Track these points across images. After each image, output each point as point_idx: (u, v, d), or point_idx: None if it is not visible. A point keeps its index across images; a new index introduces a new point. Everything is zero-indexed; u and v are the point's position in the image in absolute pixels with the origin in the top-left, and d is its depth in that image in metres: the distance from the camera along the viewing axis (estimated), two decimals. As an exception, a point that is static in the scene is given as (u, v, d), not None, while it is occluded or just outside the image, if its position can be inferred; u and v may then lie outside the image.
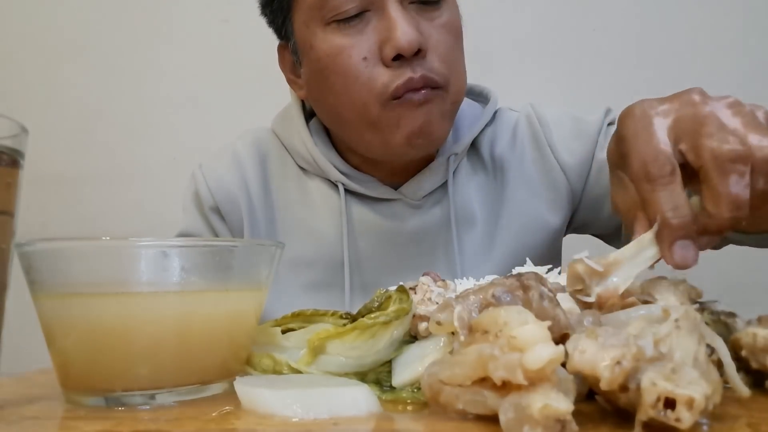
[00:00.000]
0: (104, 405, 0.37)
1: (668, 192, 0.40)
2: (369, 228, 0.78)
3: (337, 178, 0.78)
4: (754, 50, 1.34)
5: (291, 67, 0.78)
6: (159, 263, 0.37)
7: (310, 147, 0.78)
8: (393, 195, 0.78)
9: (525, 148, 0.81)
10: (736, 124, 0.40)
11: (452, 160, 0.78)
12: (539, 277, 0.36)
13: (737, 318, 0.40)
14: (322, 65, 0.69)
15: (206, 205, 0.80)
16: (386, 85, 0.66)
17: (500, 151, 0.81)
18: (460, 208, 0.79)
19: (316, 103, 0.75)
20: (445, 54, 0.68)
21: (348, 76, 0.67)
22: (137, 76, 1.54)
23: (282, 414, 0.33)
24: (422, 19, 0.67)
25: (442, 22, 0.69)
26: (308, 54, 0.71)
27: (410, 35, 0.64)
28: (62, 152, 1.53)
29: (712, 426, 0.29)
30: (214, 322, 0.39)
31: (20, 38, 1.57)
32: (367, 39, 0.67)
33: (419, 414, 0.34)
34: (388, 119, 0.68)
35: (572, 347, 0.29)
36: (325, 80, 0.70)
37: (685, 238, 0.39)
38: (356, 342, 0.39)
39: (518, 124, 0.83)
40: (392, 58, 0.65)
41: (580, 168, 0.79)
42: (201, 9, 1.51)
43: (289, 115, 0.82)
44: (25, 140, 0.40)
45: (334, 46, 0.67)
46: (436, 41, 0.68)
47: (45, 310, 0.38)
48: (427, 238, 0.79)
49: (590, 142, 0.79)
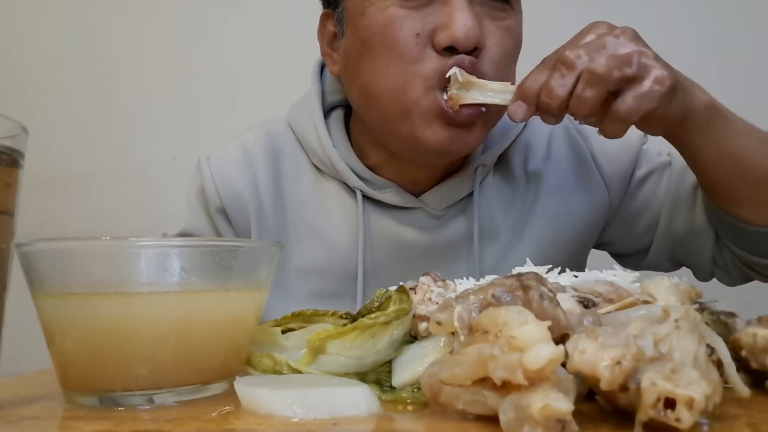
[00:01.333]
0: (104, 405, 0.37)
1: (538, 71, 0.58)
2: (387, 238, 0.74)
3: (355, 185, 0.73)
4: (754, 50, 1.34)
5: (330, 39, 0.72)
6: (159, 263, 0.37)
7: (327, 147, 0.73)
8: (414, 204, 0.73)
9: (562, 160, 0.79)
10: (595, 44, 0.56)
11: (480, 171, 0.74)
12: (539, 277, 0.36)
13: (737, 318, 0.40)
14: (369, 34, 0.64)
15: (212, 206, 0.74)
16: (435, 69, 0.62)
17: (534, 164, 0.78)
18: (484, 221, 0.75)
19: (350, 80, 0.69)
20: (500, 58, 0.65)
21: (395, 49, 0.62)
22: (137, 76, 1.54)
23: (282, 414, 0.33)
24: (487, 18, 0.64)
25: (507, 25, 0.66)
26: (356, 22, 0.66)
27: (470, 28, 0.60)
28: (62, 152, 1.53)
29: (712, 426, 0.29)
30: (214, 322, 0.39)
31: (20, 38, 1.57)
32: (425, 18, 0.62)
33: (419, 414, 0.34)
34: (423, 111, 0.63)
35: (572, 347, 0.29)
36: (367, 51, 0.64)
37: (524, 101, 0.58)
38: (356, 342, 0.39)
39: (553, 136, 0.79)
40: (444, 47, 0.61)
41: (620, 182, 0.78)
42: (201, 9, 1.51)
43: (307, 108, 0.76)
44: (25, 140, 0.40)
45: (389, 15, 0.63)
46: (494, 42, 0.64)
47: (45, 310, 0.38)
48: (448, 251, 0.75)
49: (631, 157, 0.78)
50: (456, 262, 0.75)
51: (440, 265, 0.73)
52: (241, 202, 0.74)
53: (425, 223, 0.74)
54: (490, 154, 0.75)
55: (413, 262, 0.74)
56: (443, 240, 0.74)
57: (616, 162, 0.78)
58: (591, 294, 0.41)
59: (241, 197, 0.74)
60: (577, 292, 0.41)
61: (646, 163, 0.79)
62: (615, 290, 0.42)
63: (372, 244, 0.74)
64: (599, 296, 0.41)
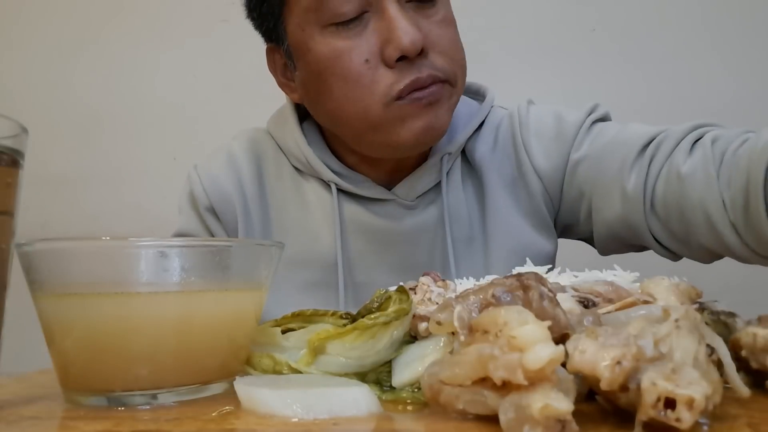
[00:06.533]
0: (104, 405, 0.37)
1: None
2: (362, 228, 0.78)
3: (329, 178, 0.77)
4: (754, 50, 1.34)
5: (282, 70, 0.76)
6: (159, 263, 0.37)
7: (303, 148, 0.78)
8: (386, 195, 0.77)
9: (505, 151, 0.79)
10: None
11: (446, 159, 0.77)
12: (539, 277, 0.36)
13: (737, 318, 0.40)
14: (321, 68, 0.68)
15: (201, 205, 0.79)
16: (390, 86, 0.65)
17: (480, 154, 0.79)
18: (453, 207, 0.78)
19: (313, 106, 0.74)
20: (447, 49, 0.68)
21: (349, 79, 0.66)
22: (137, 76, 1.54)
23: (282, 414, 0.33)
24: (420, 17, 0.67)
25: (440, 17, 0.68)
26: (304, 57, 0.70)
27: (413, 35, 0.63)
28: (62, 152, 1.53)
29: (712, 426, 0.29)
30: (214, 322, 0.39)
31: (20, 38, 1.57)
32: (367, 41, 0.66)
33: (419, 414, 0.34)
34: (391, 119, 0.67)
35: (572, 347, 0.29)
36: (323, 83, 0.69)
37: None
38: (356, 342, 0.39)
39: (501, 124, 0.80)
40: (396, 59, 0.65)
41: (555, 173, 0.76)
42: (201, 9, 1.51)
43: (283, 116, 0.81)
44: (25, 140, 0.40)
45: (334, 49, 0.66)
46: (436, 37, 0.67)
47: (45, 310, 0.38)
48: (421, 238, 0.78)
49: (566, 143, 0.75)
50: (430, 249, 0.78)
51: (414, 252, 0.78)
52: (228, 200, 0.79)
53: (399, 213, 0.78)
54: (455, 143, 0.78)
55: (389, 249, 0.78)
56: (417, 228, 0.78)
57: (548, 151, 0.76)
58: (591, 294, 0.41)
59: (227, 195, 0.79)
60: (577, 292, 0.41)
61: (588, 141, 0.74)
62: (615, 290, 0.42)
63: (348, 234, 0.78)
64: (599, 296, 0.41)
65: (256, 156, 0.81)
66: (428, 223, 0.78)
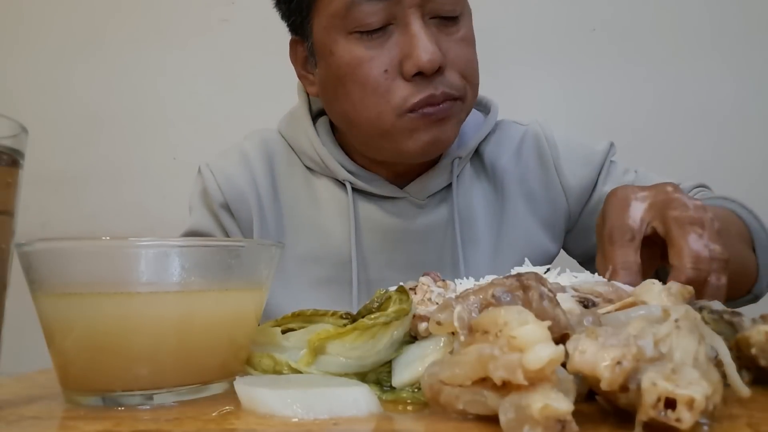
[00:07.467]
0: (104, 405, 0.37)
1: (623, 251, 0.50)
2: (375, 225, 0.80)
3: (344, 177, 0.79)
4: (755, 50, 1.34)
5: (303, 62, 0.78)
6: (159, 263, 0.37)
7: (317, 147, 0.79)
8: (399, 193, 0.79)
9: (529, 165, 0.84)
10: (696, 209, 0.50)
11: (456, 163, 0.80)
12: (539, 277, 0.36)
13: (743, 317, 0.40)
14: (342, 73, 0.70)
15: (216, 203, 0.79)
16: (405, 98, 0.68)
17: (504, 163, 0.83)
18: (463, 209, 0.81)
19: (329, 104, 0.76)
20: (464, 68, 0.71)
21: (367, 87, 0.69)
22: (137, 76, 1.54)
23: (282, 414, 0.33)
24: (442, 35, 0.69)
25: (460, 36, 0.71)
26: (326, 58, 0.72)
27: (432, 54, 0.66)
28: (62, 152, 1.53)
29: (713, 426, 0.29)
30: (214, 322, 0.39)
31: (20, 38, 1.57)
32: (389, 52, 0.68)
33: (419, 414, 0.34)
34: (401, 129, 0.69)
35: (572, 347, 0.29)
36: (342, 87, 0.71)
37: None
38: (356, 342, 0.39)
39: (524, 140, 0.84)
40: (413, 75, 0.67)
41: (581, 193, 0.82)
42: (201, 9, 1.51)
43: (296, 116, 0.83)
44: (25, 140, 0.40)
45: (356, 56, 0.69)
46: (455, 56, 0.69)
47: (45, 310, 0.38)
48: (432, 237, 0.80)
49: (594, 170, 0.82)
50: (440, 248, 0.81)
51: (426, 250, 0.80)
52: (243, 198, 0.79)
53: (410, 212, 0.80)
54: (466, 148, 0.81)
55: (401, 247, 0.80)
56: (427, 227, 0.80)
57: (576, 173, 0.82)
58: (591, 294, 0.41)
59: (242, 193, 0.79)
60: (577, 292, 0.41)
61: (612, 180, 0.82)
62: (615, 290, 0.42)
63: (362, 232, 0.80)
64: (599, 296, 0.41)
65: (268, 155, 0.83)
66: (439, 222, 0.80)
